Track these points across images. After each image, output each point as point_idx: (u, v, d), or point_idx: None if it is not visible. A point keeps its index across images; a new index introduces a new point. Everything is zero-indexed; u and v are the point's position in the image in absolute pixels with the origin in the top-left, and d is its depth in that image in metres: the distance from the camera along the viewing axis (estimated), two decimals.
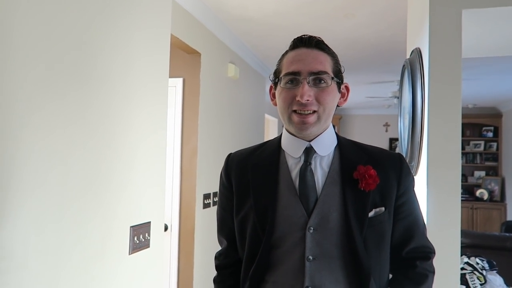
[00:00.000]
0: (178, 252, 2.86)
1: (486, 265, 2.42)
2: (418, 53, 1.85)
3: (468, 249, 2.89)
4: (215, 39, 3.15)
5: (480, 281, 2.21)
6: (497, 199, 6.85)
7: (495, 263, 2.49)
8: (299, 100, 0.96)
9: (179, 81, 2.89)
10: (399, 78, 4.71)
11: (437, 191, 1.69)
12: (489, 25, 1.89)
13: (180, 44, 2.63)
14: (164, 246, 1.71)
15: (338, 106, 1.06)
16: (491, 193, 6.84)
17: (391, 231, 1.03)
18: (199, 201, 2.90)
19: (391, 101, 6.16)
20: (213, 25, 3.03)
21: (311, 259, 0.97)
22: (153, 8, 1.60)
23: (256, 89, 4.42)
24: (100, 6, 1.28)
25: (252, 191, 1.03)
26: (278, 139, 1.10)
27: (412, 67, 1.90)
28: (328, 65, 0.99)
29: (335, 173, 1.02)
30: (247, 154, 1.11)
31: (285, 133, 1.08)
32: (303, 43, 1.01)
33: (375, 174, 0.99)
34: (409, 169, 1.07)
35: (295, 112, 0.98)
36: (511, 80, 4.90)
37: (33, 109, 1.04)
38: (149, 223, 1.57)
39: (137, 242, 1.49)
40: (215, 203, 3.12)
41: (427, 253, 1.07)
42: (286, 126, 1.05)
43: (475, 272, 2.26)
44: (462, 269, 2.32)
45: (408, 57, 2.11)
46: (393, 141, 7.75)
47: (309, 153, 1.03)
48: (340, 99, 1.05)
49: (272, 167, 1.05)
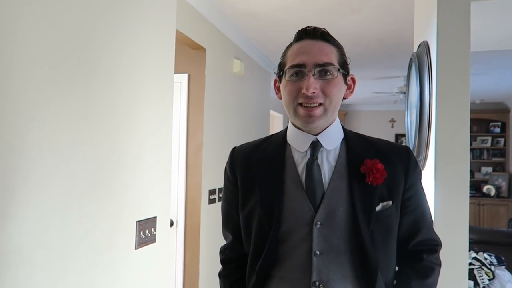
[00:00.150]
0: (184, 247, 2.86)
1: (494, 261, 2.40)
2: (425, 46, 1.83)
3: (475, 245, 2.86)
4: (220, 35, 3.14)
5: (488, 277, 2.19)
6: (504, 195, 6.78)
7: (503, 259, 2.46)
8: (304, 92, 0.94)
9: (184, 77, 2.89)
10: (405, 73, 4.68)
11: (445, 186, 1.68)
12: (497, 18, 1.87)
13: (185, 39, 2.62)
14: (170, 241, 1.71)
15: (344, 98, 1.04)
16: (498, 189, 6.78)
17: (398, 224, 1.02)
18: (205, 196, 2.90)
19: (397, 97, 6.12)
20: (218, 20, 3.01)
21: (318, 254, 0.96)
22: (158, 3, 1.59)
23: (261, 85, 4.40)
24: (106, 3, 1.28)
25: (258, 186, 1.02)
26: (283, 133, 1.09)
27: (419, 60, 1.88)
28: (333, 57, 0.98)
29: (342, 167, 1.01)
30: (252, 148, 1.10)
31: (290, 127, 1.06)
32: (308, 34, 0.99)
33: (382, 168, 0.97)
34: (416, 162, 1.05)
35: (300, 105, 0.97)
36: None
37: (40, 106, 1.04)
38: (155, 218, 1.57)
39: (143, 237, 1.49)
40: (220, 199, 3.11)
41: (433, 246, 1.06)
42: (291, 119, 1.04)
43: (483, 267, 2.24)
44: (470, 264, 2.30)
45: (415, 51, 2.09)
46: (399, 137, 7.71)
47: (316, 147, 1.01)
48: (346, 91, 1.04)
49: (278, 162, 1.04)
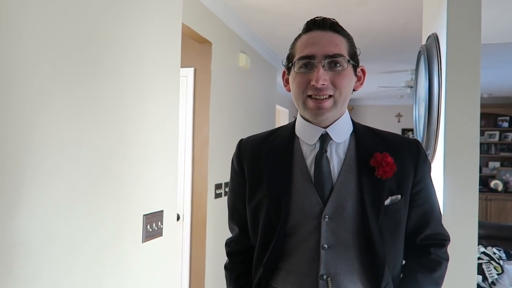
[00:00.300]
0: (190, 241, 2.87)
1: (503, 255, 2.38)
2: (435, 38, 1.80)
3: (483, 240, 2.84)
4: (226, 28, 3.13)
5: (497, 271, 2.17)
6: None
7: None
8: (314, 84, 0.93)
9: (190, 71, 2.88)
10: (412, 67, 4.64)
11: (454, 180, 1.66)
12: (508, 9, 1.83)
13: (191, 33, 2.61)
14: (176, 235, 1.71)
15: (354, 90, 1.03)
16: (505, 184, 6.72)
17: (406, 218, 1.01)
18: (211, 191, 2.90)
19: (404, 91, 6.07)
20: (224, 14, 3.00)
21: (326, 247, 0.96)
22: None
23: (267, 79, 4.38)
24: None
25: (265, 179, 1.01)
26: (292, 125, 1.08)
27: (428, 53, 1.85)
28: (343, 48, 0.96)
29: (351, 160, 1.00)
30: (260, 140, 1.09)
31: (299, 119, 1.05)
32: (317, 25, 0.98)
33: (392, 161, 0.96)
34: (426, 156, 1.04)
35: (310, 97, 0.96)
36: None
37: (46, 102, 1.04)
38: (162, 211, 1.57)
39: (150, 230, 1.49)
40: (227, 193, 3.12)
41: (441, 240, 1.05)
42: (301, 112, 1.02)
43: (492, 262, 2.22)
44: (478, 258, 2.29)
45: (423, 43, 2.06)
46: (405, 132, 7.65)
47: (325, 140, 1.00)
48: (356, 82, 1.02)
49: (286, 154, 1.03)
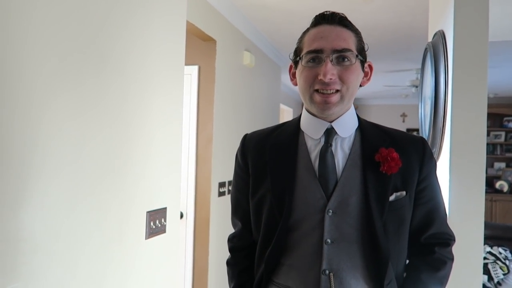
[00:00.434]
0: (193, 239, 2.87)
1: (509, 255, 2.35)
2: (441, 35, 1.78)
3: (488, 240, 2.81)
4: (231, 26, 3.12)
5: (503, 271, 2.15)
6: None
7: None
8: (321, 79, 0.92)
9: (194, 69, 2.87)
10: (417, 66, 4.61)
11: (460, 178, 1.64)
12: None
13: (195, 30, 2.60)
14: (180, 232, 1.71)
15: (360, 86, 1.02)
16: (511, 185, 6.67)
17: (410, 216, 1.00)
18: (214, 189, 2.89)
19: (409, 90, 6.04)
20: (228, 12, 2.99)
21: (330, 242, 0.95)
22: None
23: (271, 78, 4.37)
24: None
25: (269, 173, 1.01)
26: (297, 120, 1.07)
27: (435, 50, 1.84)
28: (351, 43, 0.96)
29: (356, 155, 0.99)
30: (264, 135, 1.09)
31: (305, 114, 1.04)
32: (326, 19, 0.97)
33: (397, 157, 0.95)
34: (431, 153, 1.03)
35: (317, 91, 0.95)
36: None
37: (53, 98, 1.04)
38: (165, 208, 1.57)
39: (154, 227, 1.48)
40: (230, 192, 3.11)
41: (446, 239, 1.03)
42: (307, 106, 1.02)
43: (498, 261, 2.20)
44: (484, 258, 2.26)
45: (430, 40, 2.04)
46: (410, 132, 7.63)
47: (330, 134, 1.00)
48: (363, 78, 1.02)
49: (290, 149, 1.02)
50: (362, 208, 0.95)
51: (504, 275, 2.18)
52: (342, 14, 0.98)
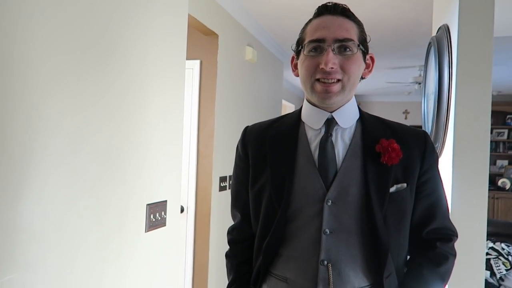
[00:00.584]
0: (194, 234, 2.86)
1: None
2: (446, 29, 1.76)
3: (491, 237, 2.80)
4: (233, 21, 3.10)
5: (505, 267, 2.14)
6: None
7: None
8: (323, 68, 0.92)
9: (196, 63, 2.86)
10: (420, 63, 4.58)
11: (463, 174, 1.63)
12: None
13: (197, 24, 2.59)
14: (180, 225, 1.70)
15: (362, 78, 1.02)
16: None
17: (411, 209, 0.99)
18: (215, 183, 2.88)
19: (412, 87, 6.01)
20: (231, 6, 2.97)
21: (328, 232, 0.94)
22: None
23: (273, 74, 4.35)
24: None
25: (269, 163, 1.00)
26: (298, 112, 1.07)
27: (439, 44, 1.82)
28: (354, 33, 0.95)
29: (356, 146, 0.99)
30: (265, 126, 1.08)
31: (306, 104, 1.04)
32: (328, 10, 0.97)
33: (398, 148, 0.95)
34: (433, 147, 1.03)
35: (318, 80, 0.95)
36: None
37: (54, 92, 1.03)
38: (165, 202, 1.56)
39: (154, 220, 1.47)
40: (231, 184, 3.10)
41: (448, 235, 1.02)
42: (308, 96, 1.01)
43: (500, 257, 2.19)
44: (486, 254, 2.25)
45: (434, 35, 2.02)
46: None
47: (331, 124, 0.99)
48: (364, 70, 1.01)
49: (290, 139, 1.02)
50: (362, 198, 0.94)
51: (506, 270, 2.16)
52: (344, 5, 0.98)
